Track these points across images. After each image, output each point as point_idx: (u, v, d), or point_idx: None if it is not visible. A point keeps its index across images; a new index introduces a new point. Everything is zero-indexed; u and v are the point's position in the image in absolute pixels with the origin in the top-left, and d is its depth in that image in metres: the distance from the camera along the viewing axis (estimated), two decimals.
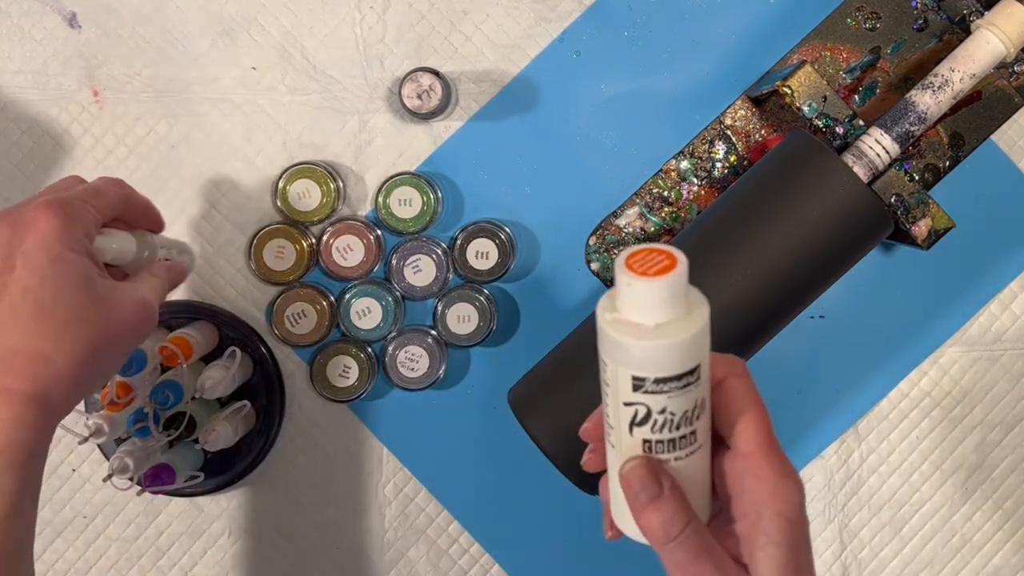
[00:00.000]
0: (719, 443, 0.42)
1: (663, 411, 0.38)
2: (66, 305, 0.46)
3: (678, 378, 0.37)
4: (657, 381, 0.37)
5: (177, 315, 0.68)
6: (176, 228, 0.69)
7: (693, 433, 0.39)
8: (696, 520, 0.40)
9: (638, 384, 0.37)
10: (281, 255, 0.68)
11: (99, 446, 0.70)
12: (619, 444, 0.40)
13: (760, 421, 0.41)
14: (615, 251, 0.68)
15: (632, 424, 0.38)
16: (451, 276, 0.68)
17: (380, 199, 0.67)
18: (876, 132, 0.61)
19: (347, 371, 0.68)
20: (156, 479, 0.62)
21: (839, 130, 0.62)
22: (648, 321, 0.36)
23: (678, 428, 0.38)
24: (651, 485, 0.39)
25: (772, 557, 0.39)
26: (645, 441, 0.39)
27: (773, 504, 0.40)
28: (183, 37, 0.69)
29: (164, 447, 0.67)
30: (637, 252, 0.37)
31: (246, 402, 0.65)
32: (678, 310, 0.36)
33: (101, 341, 0.47)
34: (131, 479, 0.62)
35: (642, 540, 0.41)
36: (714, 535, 0.41)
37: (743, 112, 0.68)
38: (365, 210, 0.69)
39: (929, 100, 0.61)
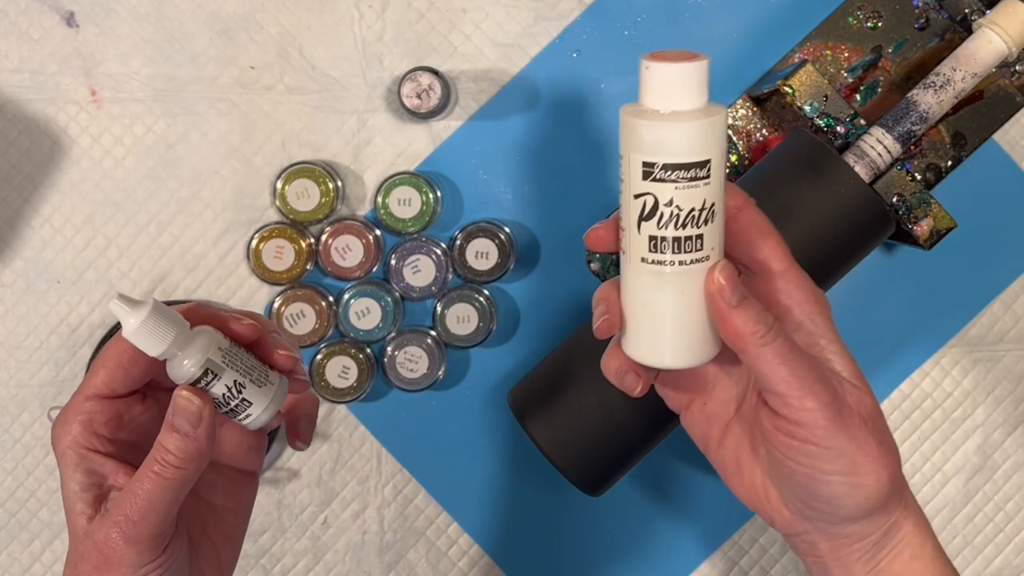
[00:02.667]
0: (742, 273, 0.42)
1: (669, 203, 0.38)
2: None
3: (686, 167, 0.37)
4: (665, 167, 0.37)
5: None
6: (173, 228, 0.69)
7: (700, 238, 0.39)
8: None
9: (647, 171, 0.38)
10: (280, 255, 0.67)
11: None
12: (628, 246, 0.40)
13: (782, 242, 0.42)
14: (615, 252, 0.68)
15: (640, 218, 0.39)
16: (450, 276, 0.67)
17: (379, 199, 0.67)
18: (878, 131, 0.61)
19: (346, 372, 0.67)
20: None
21: (840, 129, 0.61)
22: (663, 107, 0.38)
23: (684, 227, 0.38)
24: (739, 287, 0.39)
25: (841, 353, 0.42)
26: (651, 238, 0.39)
27: (819, 310, 0.42)
28: (181, 36, 0.68)
29: None
30: (664, 51, 0.38)
31: None
32: (696, 101, 0.38)
33: None
34: None
35: (660, 363, 0.41)
36: None
37: (744, 111, 0.67)
38: (364, 210, 0.69)
39: (931, 99, 0.61)
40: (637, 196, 0.39)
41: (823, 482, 0.41)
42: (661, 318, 0.40)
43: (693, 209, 0.38)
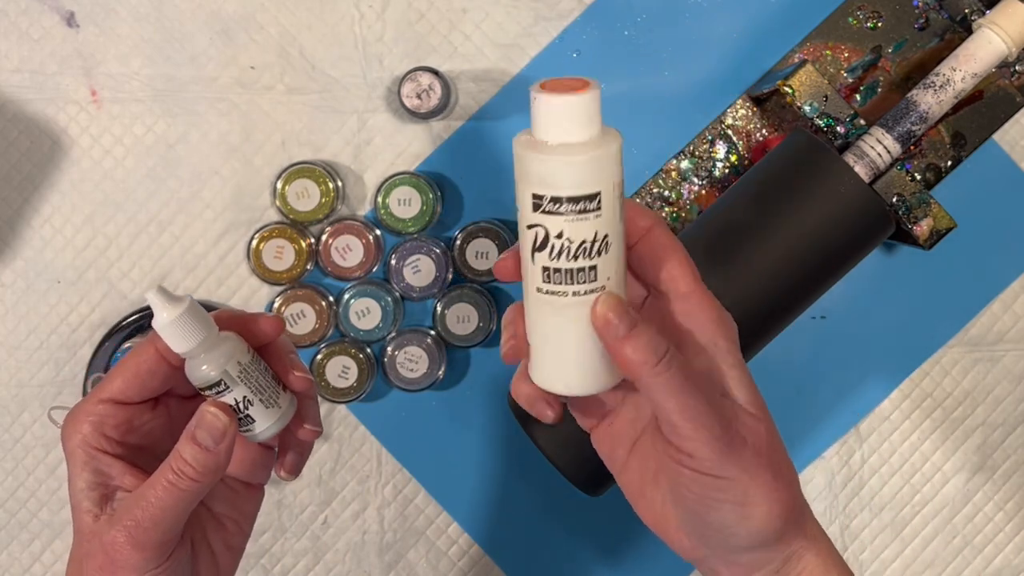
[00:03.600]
0: (651, 295, 0.43)
1: (560, 236, 0.38)
2: None
3: (574, 200, 0.37)
4: (553, 200, 0.37)
5: None
6: (173, 228, 0.69)
7: (593, 269, 0.38)
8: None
9: (537, 203, 0.37)
10: (280, 255, 0.67)
11: None
12: (526, 275, 0.40)
13: (689, 263, 0.42)
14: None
15: (533, 249, 0.38)
16: (451, 276, 0.67)
17: (379, 199, 0.67)
18: (877, 132, 0.61)
19: (346, 372, 0.67)
20: None
21: (840, 130, 0.61)
22: (551, 139, 0.37)
23: (575, 258, 0.38)
24: (628, 314, 0.38)
25: (741, 379, 0.41)
26: (544, 269, 0.38)
27: (724, 333, 0.41)
28: (181, 36, 0.68)
29: None
30: (556, 79, 0.38)
31: None
32: (584, 133, 0.37)
33: None
34: None
35: (565, 390, 0.41)
36: None
37: (744, 111, 0.67)
38: (364, 210, 0.69)
39: (931, 99, 0.61)
40: (529, 227, 0.38)
41: (713, 509, 0.40)
42: (562, 347, 0.40)
43: (584, 241, 0.38)
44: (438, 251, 0.67)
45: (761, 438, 0.41)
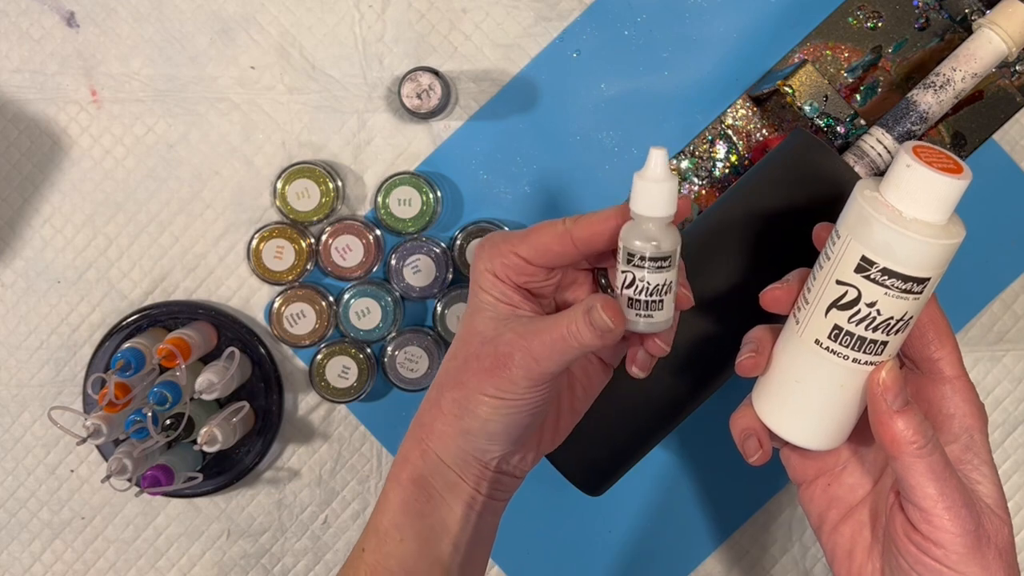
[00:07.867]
0: (904, 366, 0.42)
1: (872, 304, 0.36)
2: None
3: (904, 279, 0.35)
4: (884, 271, 0.35)
5: (175, 315, 0.68)
6: (174, 228, 0.69)
7: (884, 344, 0.37)
8: None
9: (863, 266, 0.35)
10: (280, 255, 0.67)
11: (97, 447, 0.70)
12: (806, 321, 0.38)
13: (958, 347, 0.41)
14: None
15: (833, 305, 0.37)
16: (451, 276, 0.67)
17: (379, 199, 0.67)
18: (878, 132, 0.61)
19: (346, 372, 0.67)
20: (154, 480, 0.61)
21: (840, 130, 0.61)
22: (907, 210, 0.35)
23: (875, 331, 0.36)
24: (905, 390, 0.38)
25: (992, 477, 0.41)
26: (836, 327, 0.37)
27: (980, 427, 0.41)
28: (181, 36, 0.68)
29: (162, 448, 0.66)
30: (927, 146, 0.35)
31: (245, 403, 0.65)
32: (943, 217, 0.35)
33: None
34: (129, 480, 0.62)
35: (788, 436, 0.40)
36: None
37: (744, 111, 0.67)
38: (364, 210, 0.69)
39: (931, 99, 0.61)
40: (840, 283, 0.36)
41: None
42: (808, 397, 0.39)
43: (892, 318, 0.36)
44: (438, 251, 0.67)
45: (1005, 540, 0.40)
